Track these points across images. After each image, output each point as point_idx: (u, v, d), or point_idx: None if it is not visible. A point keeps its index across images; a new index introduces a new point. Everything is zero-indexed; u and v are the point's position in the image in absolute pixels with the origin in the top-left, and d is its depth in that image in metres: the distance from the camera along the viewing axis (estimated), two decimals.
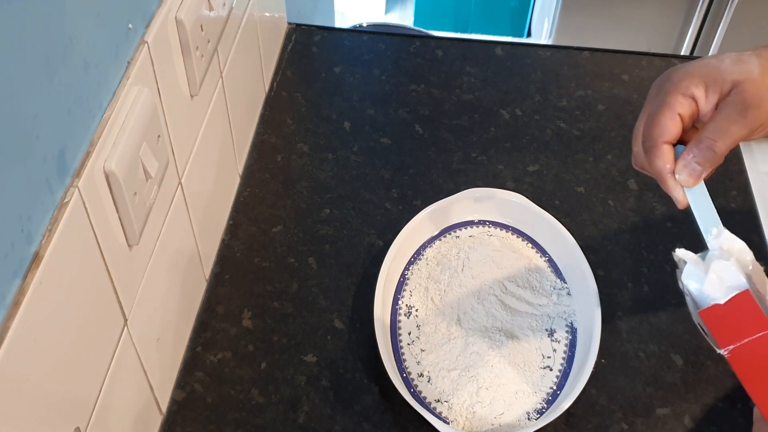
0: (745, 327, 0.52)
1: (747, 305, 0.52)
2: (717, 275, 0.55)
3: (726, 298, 0.53)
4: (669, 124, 0.58)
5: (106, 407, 0.62)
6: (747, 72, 0.56)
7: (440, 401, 0.77)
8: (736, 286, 0.54)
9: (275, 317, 0.85)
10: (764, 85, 0.56)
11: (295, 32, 1.20)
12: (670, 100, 0.58)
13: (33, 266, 0.50)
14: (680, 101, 0.58)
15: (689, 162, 0.58)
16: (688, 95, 0.58)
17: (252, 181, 0.99)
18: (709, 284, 0.55)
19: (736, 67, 0.57)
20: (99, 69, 0.57)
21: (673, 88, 0.58)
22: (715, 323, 0.54)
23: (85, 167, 0.55)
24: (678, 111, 0.58)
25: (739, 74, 0.56)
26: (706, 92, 0.58)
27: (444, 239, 0.89)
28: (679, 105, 0.58)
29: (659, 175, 0.59)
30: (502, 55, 1.17)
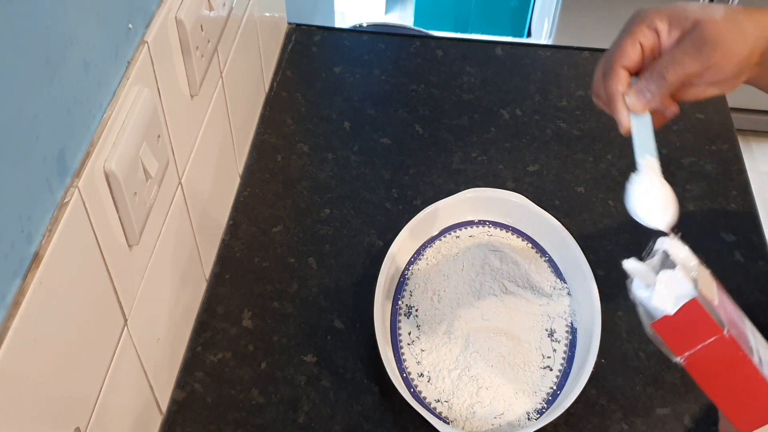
0: (696, 334, 0.53)
1: (696, 313, 0.53)
2: (664, 285, 0.56)
3: (675, 308, 0.54)
4: (629, 49, 0.61)
5: (106, 407, 0.62)
6: (710, 14, 0.59)
7: (440, 401, 0.77)
8: (684, 294, 0.54)
9: (275, 317, 0.85)
10: (724, 28, 0.58)
11: (295, 32, 1.20)
12: (634, 29, 0.61)
13: (33, 266, 0.50)
14: (643, 31, 0.61)
15: (641, 87, 0.60)
16: (652, 27, 0.60)
17: (252, 181, 0.99)
18: (657, 296, 0.55)
19: (701, 9, 0.59)
20: (99, 69, 0.57)
21: (639, 20, 0.61)
22: (667, 333, 0.55)
23: (85, 167, 0.55)
24: (639, 39, 0.61)
25: (702, 14, 0.59)
26: (669, 27, 0.60)
27: (444, 239, 0.89)
28: (641, 34, 0.61)
29: (611, 96, 0.62)
30: (502, 55, 1.17)
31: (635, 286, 0.58)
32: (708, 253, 0.91)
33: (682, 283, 0.55)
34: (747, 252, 0.91)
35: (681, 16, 0.60)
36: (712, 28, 0.58)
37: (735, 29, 0.58)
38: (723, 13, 0.59)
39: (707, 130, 1.06)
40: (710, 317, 0.53)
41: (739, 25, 0.59)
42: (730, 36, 0.58)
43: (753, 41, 0.59)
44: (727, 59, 0.59)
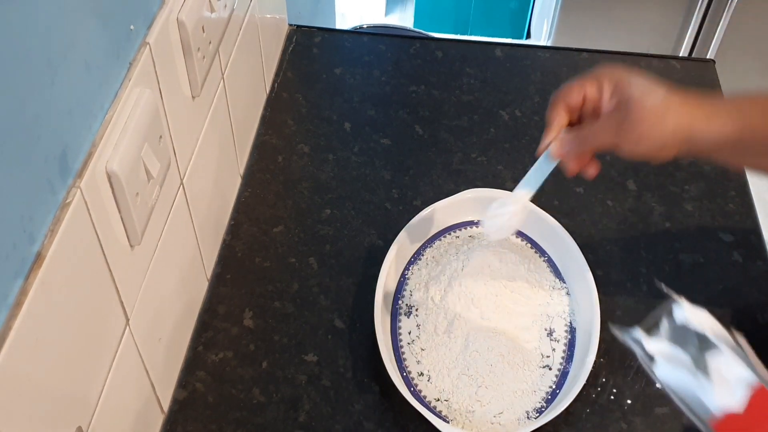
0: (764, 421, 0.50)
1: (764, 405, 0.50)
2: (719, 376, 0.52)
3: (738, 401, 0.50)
4: (573, 93, 0.67)
5: (107, 406, 0.62)
6: (644, 98, 0.63)
7: (440, 400, 0.77)
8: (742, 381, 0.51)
9: (276, 317, 0.85)
10: (647, 115, 0.63)
11: (295, 33, 1.20)
12: (587, 80, 0.67)
13: (35, 266, 0.50)
14: (592, 85, 0.67)
15: (564, 140, 0.68)
16: (599, 85, 0.66)
17: (253, 181, 0.99)
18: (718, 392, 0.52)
19: (642, 90, 0.64)
20: (101, 70, 0.57)
21: (597, 73, 0.67)
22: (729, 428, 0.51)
23: (87, 168, 0.55)
24: (586, 90, 0.67)
25: (638, 96, 0.64)
26: (611, 93, 0.66)
27: (444, 239, 0.90)
28: (589, 86, 0.67)
29: (547, 124, 0.69)
30: (502, 57, 1.18)
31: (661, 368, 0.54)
32: (706, 254, 0.92)
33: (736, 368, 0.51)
34: (745, 252, 0.92)
35: (624, 89, 0.65)
36: (637, 112, 0.63)
37: (656, 118, 0.63)
38: (657, 100, 0.63)
39: None
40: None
41: (663, 114, 0.63)
42: (649, 124, 0.63)
43: (672, 130, 0.63)
44: (640, 143, 0.64)
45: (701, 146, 0.64)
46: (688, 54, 2.16)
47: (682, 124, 0.63)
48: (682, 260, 0.91)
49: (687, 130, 0.63)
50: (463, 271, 0.85)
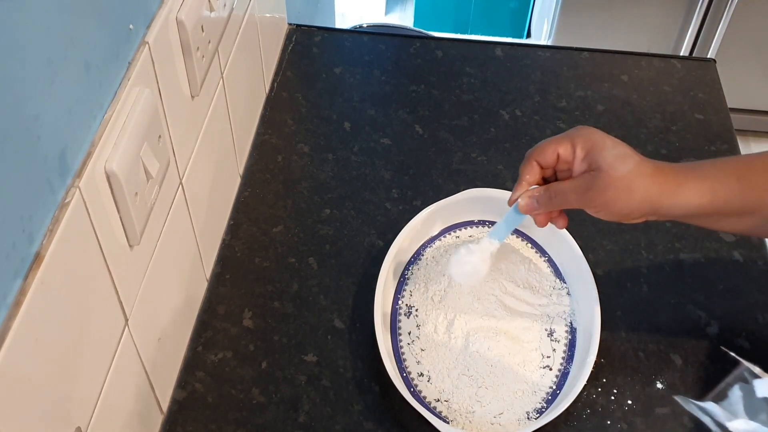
0: None
1: None
2: None
3: None
4: (547, 151, 0.68)
5: (107, 407, 0.62)
6: (614, 166, 0.65)
7: (440, 401, 0.77)
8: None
9: (276, 317, 0.85)
10: (615, 183, 0.64)
11: (295, 33, 1.20)
12: (561, 139, 0.68)
13: (34, 266, 0.50)
14: (565, 145, 0.68)
15: (533, 195, 0.70)
16: (573, 146, 0.67)
17: (252, 181, 0.99)
18: None
19: (614, 158, 0.65)
20: (100, 69, 0.57)
21: (572, 132, 0.68)
22: None
23: (86, 167, 0.55)
24: (559, 149, 0.68)
25: (608, 164, 0.65)
26: (584, 157, 0.66)
27: (444, 239, 0.90)
28: (562, 147, 0.68)
29: (519, 177, 0.71)
30: (502, 56, 1.18)
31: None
32: (706, 254, 0.92)
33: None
34: (746, 252, 0.92)
35: (596, 155, 0.66)
36: (606, 180, 0.65)
37: (624, 189, 0.65)
38: (627, 170, 0.65)
39: (706, 131, 1.07)
40: None
41: (630, 185, 0.65)
42: (615, 193, 0.65)
43: (639, 201, 0.65)
44: (606, 209, 0.66)
45: (668, 217, 0.67)
46: (688, 53, 2.16)
47: (649, 196, 0.65)
48: (682, 260, 0.91)
49: (654, 202, 0.65)
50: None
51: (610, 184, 0.65)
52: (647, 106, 1.10)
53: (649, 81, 1.14)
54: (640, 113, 1.09)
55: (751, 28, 2.08)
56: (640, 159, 0.66)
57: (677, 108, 1.10)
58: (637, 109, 1.09)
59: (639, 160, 0.66)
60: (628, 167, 0.64)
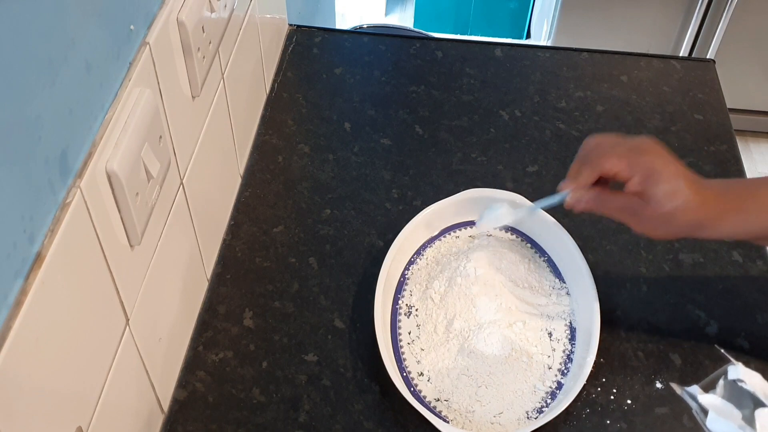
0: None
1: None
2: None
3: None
4: (609, 164, 0.70)
5: (107, 406, 0.62)
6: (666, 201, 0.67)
7: (440, 400, 0.77)
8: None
9: (276, 317, 0.86)
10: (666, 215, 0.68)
11: (295, 33, 1.20)
12: (625, 159, 0.69)
13: (35, 266, 0.50)
14: (624, 169, 0.69)
15: (582, 195, 0.72)
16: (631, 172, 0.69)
17: (253, 181, 0.99)
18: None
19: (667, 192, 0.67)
20: (101, 70, 0.57)
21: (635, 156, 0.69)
22: None
23: (87, 168, 0.55)
24: (618, 171, 0.70)
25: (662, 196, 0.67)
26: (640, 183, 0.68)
27: (444, 239, 0.90)
28: (623, 171, 0.69)
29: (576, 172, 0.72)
30: (502, 57, 1.18)
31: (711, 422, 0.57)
32: (706, 254, 0.92)
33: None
34: (745, 252, 0.92)
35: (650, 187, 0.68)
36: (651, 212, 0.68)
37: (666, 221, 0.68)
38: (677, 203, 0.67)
39: (706, 131, 1.07)
40: None
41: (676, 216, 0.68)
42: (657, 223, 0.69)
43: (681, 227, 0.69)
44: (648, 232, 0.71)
45: (712, 238, 0.71)
46: (688, 54, 2.16)
47: (688, 227, 0.69)
48: (682, 260, 0.91)
49: (692, 232, 0.69)
50: (463, 271, 0.85)
51: (654, 216, 0.68)
52: (647, 106, 1.10)
53: (649, 81, 1.14)
54: (640, 113, 1.09)
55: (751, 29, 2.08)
56: (690, 194, 0.68)
57: (676, 108, 1.10)
58: (636, 110, 1.10)
59: (688, 196, 0.68)
60: (675, 204, 0.68)
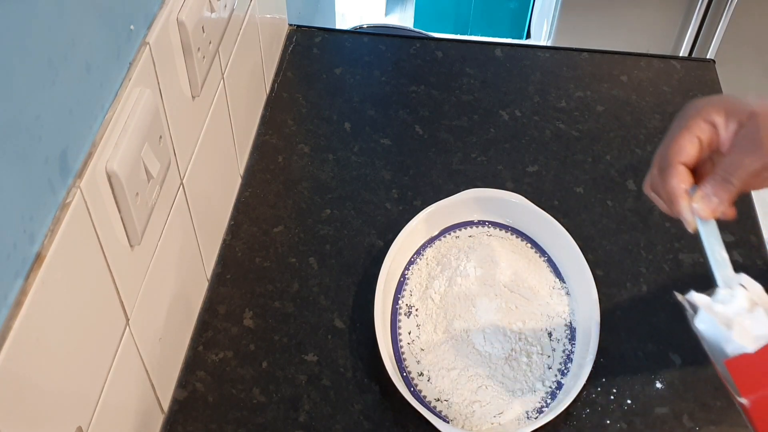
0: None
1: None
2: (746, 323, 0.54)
3: (755, 347, 0.52)
4: (687, 144, 0.58)
5: (107, 406, 0.62)
6: (762, 105, 0.56)
7: (440, 400, 0.77)
8: (765, 335, 0.53)
9: (276, 317, 0.86)
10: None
11: (295, 33, 1.20)
12: (690, 123, 0.58)
13: (35, 266, 0.50)
14: (700, 125, 0.58)
15: (707, 192, 0.58)
16: (708, 120, 0.58)
17: (253, 181, 0.99)
18: (738, 332, 0.54)
19: (757, 101, 0.57)
20: (101, 70, 0.57)
21: (694, 113, 0.59)
22: (740, 372, 0.53)
23: (87, 168, 0.55)
24: (697, 134, 0.58)
25: (758, 106, 0.56)
26: (726, 120, 0.58)
27: (444, 239, 0.90)
28: (698, 128, 0.58)
29: (672, 194, 0.59)
30: (502, 57, 1.18)
31: (699, 320, 0.55)
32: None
33: (765, 324, 0.53)
34: (745, 252, 0.92)
35: (738, 107, 0.57)
36: (767, 120, 0.56)
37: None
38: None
39: None
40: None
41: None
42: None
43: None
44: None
45: None
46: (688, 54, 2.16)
47: None
48: (681, 260, 0.91)
49: None
50: (463, 271, 0.85)
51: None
52: (647, 106, 1.10)
53: (649, 81, 1.14)
54: (640, 114, 1.09)
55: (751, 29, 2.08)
56: None
57: (677, 108, 1.09)
58: (636, 110, 1.10)
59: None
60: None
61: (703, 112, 0.58)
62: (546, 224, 0.88)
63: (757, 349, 0.53)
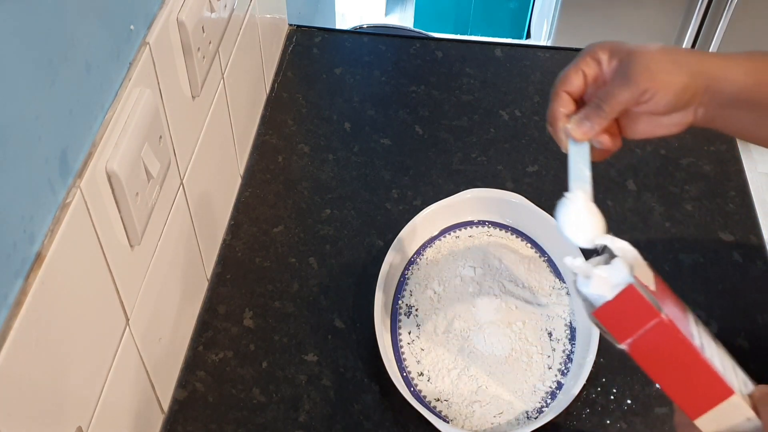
0: (636, 319, 0.54)
1: (634, 298, 0.54)
2: (604, 275, 0.56)
3: (614, 294, 0.55)
4: (572, 76, 0.64)
5: (107, 406, 0.62)
6: (646, 46, 0.61)
7: (440, 400, 0.77)
8: (621, 282, 0.55)
9: (276, 317, 0.86)
10: (654, 56, 0.61)
11: (295, 33, 1.20)
12: (579, 59, 0.65)
13: (35, 266, 0.50)
14: (587, 60, 0.64)
15: (580, 117, 0.64)
16: (594, 58, 0.64)
17: (253, 181, 0.99)
18: (596, 283, 0.56)
19: (640, 44, 0.62)
20: (101, 70, 0.57)
21: (585, 51, 0.65)
22: (609, 321, 0.55)
23: (87, 168, 0.55)
24: (582, 68, 0.64)
25: (638, 47, 0.62)
26: (610, 57, 0.63)
27: (444, 239, 0.90)
28: (584, 64, 0.64)
29: (552, 116, 0.65)
30: (502, 57, 1.18)
31: (580, 283, 0.58)
32: (706, 253, 0.92)
33: (620, 271, 0.56)
34: (745, 252, 0.92)
35: (620, 47, 0.63)
36: (643, 56, 0.61)
37: (666, 58, 0.61)
38: (660, 46, 0.61)
39: (705, 131, 1.06)
40: (647, 302, 0.53)
41: (672, 55, 0.61)
42: (660, 63, 0.60)
43: (687, 72, 0.61)
44: (657, 85, 0.60)
45: (721, 97, 0.61)
46: None
47: (698, 69, 0.61)
48: (681, 260, 0.91)
49: (705, 76, 0.61)
50: (463, 271, 0.85)
51: (651, 58, 0.60)
52: None
53: None
54: None
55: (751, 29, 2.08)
56: (674, 49, 0.62)
57: None
58: None
59: (675, 50, 0.62)
60: (659, 46, 0.61)
61: (591, 51, 0.64)
62: (546, 224, 0.88)
63: (614, 295, 0.55)
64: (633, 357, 0.55)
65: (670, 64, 0.61)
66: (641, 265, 0.58)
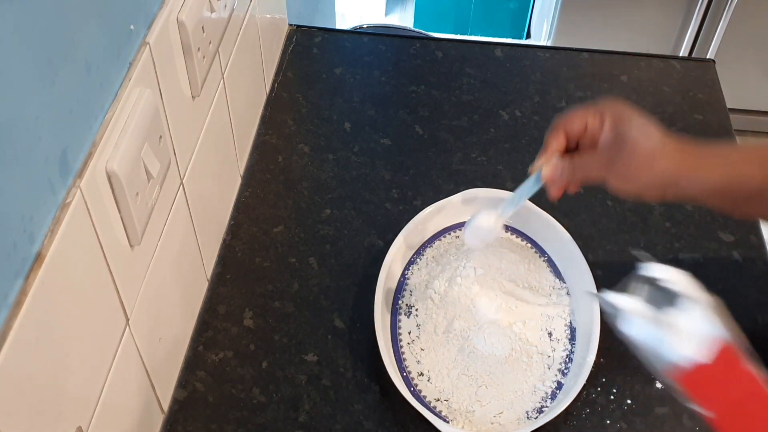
0: (735, 390, 0.46)
1: (731, 362, 0.46)
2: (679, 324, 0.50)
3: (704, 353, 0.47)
4: (575, 120, 0.69)
5: (107, 406, 0.62)
6: (641, 139, 0.66)
7: (440, 400, 0.77)
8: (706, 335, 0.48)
9: (276, 317, 0.86)
10: (643, 155, 0.65)
11: (295, 33, 1.20)
12: (590, 109, 0.69)
13: (35, 266, 0.50)
14: (594, 115, 0.69)
15: (558, 165, 0.70)
16: (601, 117, 0.68)
17: (253, 181, 0.99)
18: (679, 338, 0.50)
19: (640, 131, 0.66)
20: (101, 70, 0.57)
21: (600, 105, 0.69)
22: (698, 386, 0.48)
23: (87, 168, 0.55)
24: (587, 119, 0.69)
25: (636, 135, 0.66)
26: (612, 126, 0.67)
27: (444, 239, 0.90)
28: (590, 116, 0.69)
29: (545, 145, 0.71)
30: (502, 57, 1.18)
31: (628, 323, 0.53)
32: (706, 253, 0.92)
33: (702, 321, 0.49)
34: (745, 252, 0.92)
35: (623, 126, 0.66)
36: (631, 150, 0.65)
37: (648, 161, 0.65)
38: (653, 143, 0.65)
39: (706, 131, 1.07)
40: (750, 373, 0.46)
41: (654, 158, 0.65)
42: (639, 164, 0.65)
43: (660, 173, 0.65)
44: (628, 181, 0.67)
45: (687, 192, 0.66)
46: (688, 54, 2.16)
47: (670, 168, 0.66)
48: (682, 260, 0.91)
49: (674, 175, 0.66)
50: (463, 271, 0.85)
51: (635, 156, 0.65)
52: (647, 106, 1.10)
53: (649, 81, 1.14)
54: None
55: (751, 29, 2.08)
56: (665, 134, 0.67)
57: (677, 108, 1.10)
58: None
59: (663, 135, 0.67)
60: (653, 142, 0.66)
61: (603, 108, 0.68)
62: (546, 224, 0.88)
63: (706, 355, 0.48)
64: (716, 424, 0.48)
65: (648, 165, 0.65)
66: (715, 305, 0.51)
